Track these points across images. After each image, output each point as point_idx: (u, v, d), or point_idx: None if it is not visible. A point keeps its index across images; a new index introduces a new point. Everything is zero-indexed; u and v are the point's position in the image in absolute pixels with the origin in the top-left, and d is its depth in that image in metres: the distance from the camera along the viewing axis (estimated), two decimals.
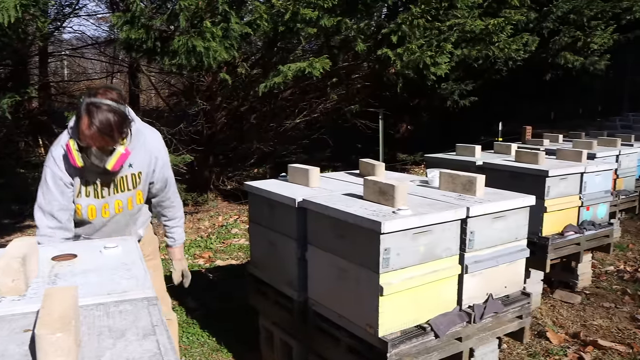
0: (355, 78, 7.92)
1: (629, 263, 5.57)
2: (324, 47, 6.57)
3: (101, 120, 2.23)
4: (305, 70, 5.27)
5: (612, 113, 16.55)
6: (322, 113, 8.58)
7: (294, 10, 5.04)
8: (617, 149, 6.16)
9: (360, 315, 2.50)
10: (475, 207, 2.61)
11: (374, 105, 8.68)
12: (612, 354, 3.65)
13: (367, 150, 9.75)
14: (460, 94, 9.21)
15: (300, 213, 2.87)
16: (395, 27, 5.88)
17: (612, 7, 9.83)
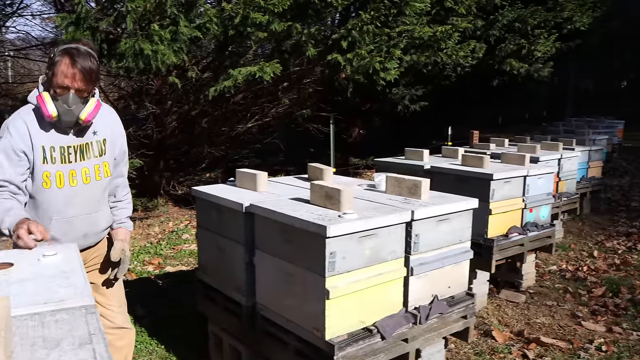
0: (306, 82, 7.95)
1: (570, 262, 5.78)
2: (275, 51, 6.57)
3: (83, 60, 2.25)
4: (255, 74, 5.27)
5: (557, 118, 17.15)
6: (274, 117, 8.58)
7: (244, 14, 5.02)
8: (559, 152, 6.39)
9: (308, 318, 2.52)
10: (420, 210, 2.66)
11: (326, 110, 8.73)
12: (553, 350, 3.78)
13: (320, 154, 9.81)
14: (411, 98, 9.39)
15: (247, 218, 2.86)
16: (345, 32, 5.94)
17: (554, 17, 10.23)
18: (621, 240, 6.64)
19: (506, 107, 16.72)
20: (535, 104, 22.50)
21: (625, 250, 6.22)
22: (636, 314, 4.38)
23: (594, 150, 7.89)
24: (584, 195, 7.63)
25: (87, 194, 2.49)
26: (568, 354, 3.73)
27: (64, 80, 2.25)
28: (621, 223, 7.52)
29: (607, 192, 9.53)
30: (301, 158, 10.27)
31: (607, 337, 3.98)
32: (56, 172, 2.37)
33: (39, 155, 2.32)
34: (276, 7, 5.09)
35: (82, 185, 2.44)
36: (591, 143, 8.56)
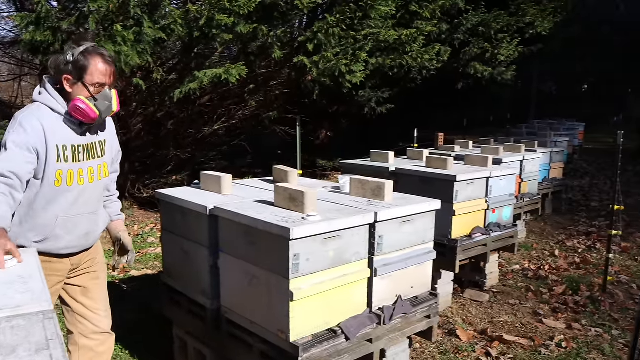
0: (273, 85, 7.94)
1: (533, 262, 5.89)
2: (241, 53, 6.55)
3: (110, 58, 2.44)
4: (221, 76, 5.24)
5: (520, 120, 17.52)
6: (241, 119, 8.55)
7: (209, 15, 4.99)
8: (521, 154, 6.52)
9: (272, 321, 2.52)
10: (383, 212, 2.69)
11: (293, 112, 8.74)
12: (516, 347, 3.85)
13: (288, 156, 9.81)
14: (377, 101, 9.46)
15: (211, 221, 2.85)
16: (311, 35, 5.96)
17: (516, 22, 10.46)
18: (581, 239, 6.81)
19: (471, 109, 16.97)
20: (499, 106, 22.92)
21: (585, 249, 6.38)
22: (595, 311, 4.50)
23: (555, 152, 8.08)
24: (545, 196, 7.80)
25: (92, 192, 2.54)
26: (530, 351, 3.80)
27: (101, 78, 2.37)
28: (581, 223, 7.71)
29: (568, 193, 9.76)
30: (269, 160, 10.24)
31: (567, 333, 4.08)
32: (68, 170, 2.41)
33: (53, 153, 2.34)
34: (242, 9, 5.07)
35: (88, 184, 2.49)
36: (553, 145, 8.77)
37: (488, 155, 4.91)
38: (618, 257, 5.97)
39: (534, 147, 7.56)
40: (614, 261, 5.70)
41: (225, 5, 4.99)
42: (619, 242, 6.43)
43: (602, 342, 3.91)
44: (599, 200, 9.19)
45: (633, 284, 5.16)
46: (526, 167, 6.59)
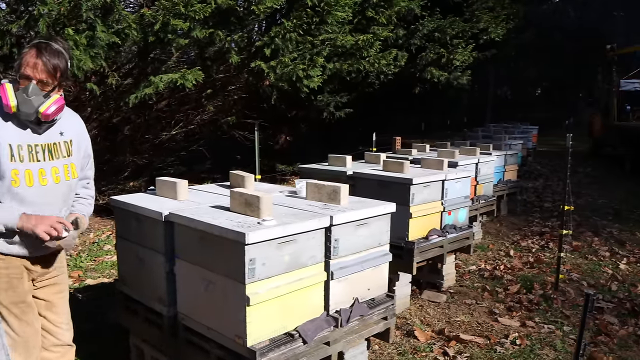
0: (231, 90, 7.91)
1: (488, 262, 6.02)
2: (199, 58, 6.50)
3: (50, 55, 2.29)
4: (177, 81, 5.19)
5: (477, 124, 17.90)
6: (199, 125, 8.48)
7: (164, 20, 4.94)
8: (476, 157, 6.67)
9: (229, 326, 2.51)
10: (339, 215, 2.72)
11: (252, 117, 8.72)
12: (472, 346, 3.93)
13: (247, 161, 9.76)
14: (336, 105, 9.53)
15: (167, 227, 2.83)
16: (268, 40, 5.96)
17: (470, 28, 10.72)
18: (535, 239, 7.00)
19: (429, 113, 17.27)
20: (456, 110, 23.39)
21: (538, 248, 6.55)
22: (547, 308, 4.63)
23: (509, 154, 8.29)
24: (500, 197, 7.99)
25: (58, 193, 2.47)
26: (485, 349, 3.88)
27: (27, 70, 2.27)
28: (535, 223, 7.92)
29: (523, 194, 10.02)
30: (228, 165, 10.18)
31: (521, 331, 4.18)
32: (25, 171, 2.33)
33: (6, 153, 2.27)
34: (197, 14, 5.04)
35: (53, 184, 2.42)
36: (507, 148, 9.01)
37: (444, 159, 5.00)
38: (569, 256, 6.15)
39: (489, 150, 7.74)
40: (565, 260, 5.89)
41: (180, 10, 4.95)
42: (571, 241, 6.64)
43: (554, 339, 4.03)
44: (551, 201, 9.47)
45: (583, 281, 5.33)
46: (481, 170, 6.74)
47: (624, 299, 4.83)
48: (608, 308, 4.63)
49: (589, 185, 11.33)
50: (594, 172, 13.44)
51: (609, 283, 5.26)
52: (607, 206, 9.16)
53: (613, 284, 5.23)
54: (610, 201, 9.59)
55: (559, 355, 3.77)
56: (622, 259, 6.08)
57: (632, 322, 4.35)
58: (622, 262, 5.94)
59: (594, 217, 8.25)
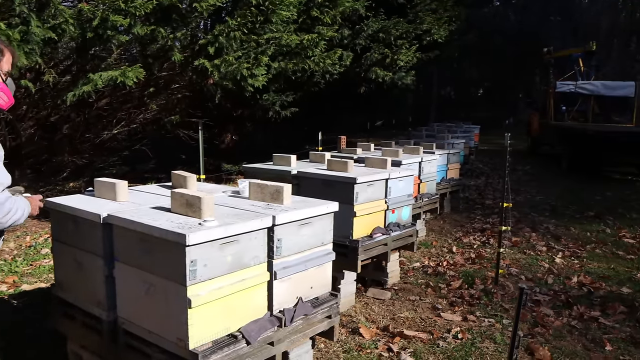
0: (175, 88, 7.76)
1: (432, 258, 6.13)
2: (140, 56, 6.35)
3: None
4: (117, 79, 5.05)
5: (422, 123, 18.28)
6: (142, 124, 8.29)
7: (102, 16, 4.80)
8: (419, 156, 6.79)
9: (171, 329, 2.47)
10: (282, 215, 2.71)
11: (196, 116, 8.60)
12: (416, 341, 3.99)
13: (193, 160, 9.60)
14: (282, 104, 9.50)
15: (106, 229, 2.75)
16: (212, 38, 5.88)
17: (414, 29, 10.91)
18: (476, 235, 7.19)
19: (375, 113, 17.48)
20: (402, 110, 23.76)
21: (479, 244, 6.74)
22: (488, 302, 4.76)
23: (452, 153, 8.48)
24: (444, 195, 8.17)
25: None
26: (429, 344, 3.96)
27: (16, 58, 2.50)
28: (477, 220, 8.14)
29: (465, 192, 10.29)
30: (173, 165, 9.98)
31: (463, 325, 4.28)
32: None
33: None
34: (138, 10, 4.92)
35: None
36: (450, 147, 9.22)
37: (387, 158, 5.06)
38: (509, 251, 6.35)
39: (432, 149, 7.89)
40: (505, 255, 6.08)
41: (120, 6, 4.82)
42: (510, 237, 6.86)
43: (494, 332, 4.15)
44: (492, 199, 9.75)
45: (522, 276, 5.51)
46: (425, 168, 6.87)
47: (559, 292, 5.03)
48: (544, 300, 4.81)
49: (527, 183, 11.74)
50: (533, 170, 13.93)
51: (546, 276, 5.47)
52: (545, 203, 9.52)
53: (549, 277, 5.43)
54: (547, 198, 9.97)
55: (499, 347, 3.89)
56: (557, 253, 6.33)
57: (567, 313, 4.53)
58: (558, 256, 6.18)
59: (532, 214, 8.55)
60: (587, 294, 5.01)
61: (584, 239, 7.01)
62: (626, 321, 4.40)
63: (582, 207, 9.03)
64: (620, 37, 34.02)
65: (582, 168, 12.89)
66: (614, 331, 4.20)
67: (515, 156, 15.70)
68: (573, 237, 7.11)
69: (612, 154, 11.93)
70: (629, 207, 9.12)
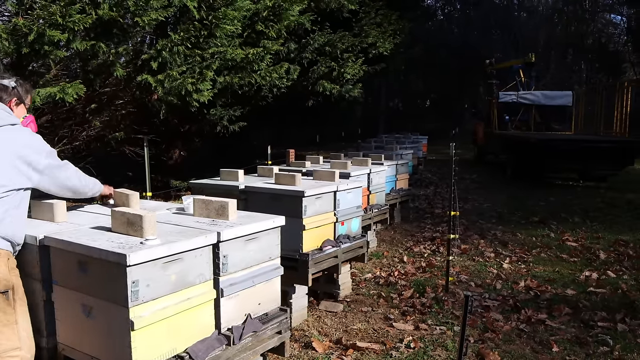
0: (119, 104, 7.58)
1: (383, 269, 6.16)
2: (82, 71, 6.17)
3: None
4: (56, 95, 4.89)
5: (371, 135, 18.47)
6: (85, 141, 8.04)
7: (38, 30, 4.64)
8: (368, 167, 6.83)
9: (113, 353, 2.38)
10: (227, 231, 2.66)
11: (142, 132, 8.41)
12: (369, 353, 3.98)
13: (140, 178, 9.37)
14: (229, 119, 9.41)
15: (42, 251, 2.64)
16: (155, 53, 5.78)
17: (360, 42, 11.06)
18: (427, 244, 7.28)
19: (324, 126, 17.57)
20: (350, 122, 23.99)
21: (430, 253, 6.82)
22: (439, 310, 4.81)
23: (400, 164, 8.58)
24: (393, 205, 8.24)
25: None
26: (381, 355, 3.95)
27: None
28: (427, 229, 8.25)
29: (415, 202, 10.43)
30: (120, 183, 9.74)
31: (415, 334, 4.30)
32: None
33: None
34: (77, 25, 4.78)
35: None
36: (399, 157, 9.34)
37: (335, 170, 5.08)
38: (458, 259, 6.45)
39: (381, 160, 7.96)
40: (454, 262, 6.17)
41: (57, 21, 4.67)
42: (459, 245, 6.97)
43: (446, 339, 4.18)
44: (441, 207, 9.91)
45: (472, 282, 5.60)
46: (373, 180, 6.91)
47: (508, 296, 5.13)
48: (494, 306, 4.89)
49: (475, 191, 12.01)
50: (479, 178, 14.27)
51: (494, 282, 5.57)
52: (492, 210, 9.75)
53: (498, 283, 5.54)
54: (494, 205, 10.21)
55: (450, 354, 3.92)
56: (505, 258, 6.47)
57: (515, 317, 4.62)
58: (505, 262, 6.31)
59: (480, 221, 8.73)
60: (534, 297, 5.13)
61: (529, 244, 7.19)
62: (571, 322, 4.52)
63: (527, 213, 9.29)
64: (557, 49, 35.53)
65: (526, 175, 13.30)
66: (560, 332, 4.31)
67: (463, 165, 16.11)
68: (519, 243, 7.29)
69: (553, 160, 12.34)
70: (571, 211, 9.44)
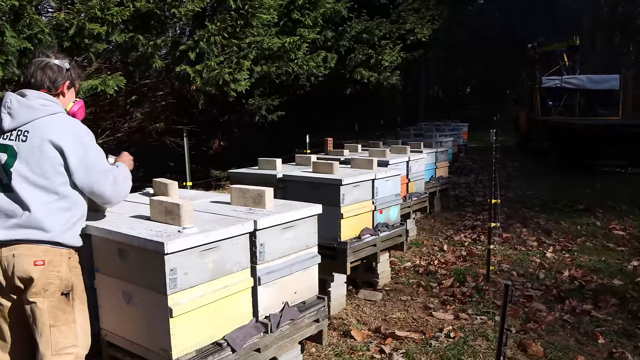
0: (159, 95, 7.69)
1: (423, 258, 6.09)
2: (122, 63, 6.28)
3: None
4: (98, 88, 4.98)
5: (411, 123, 18.28)
6: (128, 132, 8.20)
7: (79, 24, 4.73)
8: (407, 155, 6.75)
9: (153, 339, 2.42)
10: (263, 219, 2.66)
11: (183, 123, 8.52)
12: (408, 342, 3.94)
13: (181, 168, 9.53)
14: (268, 108, 9.44)
15: (85, 239, 2.69)
16: (192, 43, 5.83)
17: (397, 29, 10.90)
18: (467, 233, 7.16)
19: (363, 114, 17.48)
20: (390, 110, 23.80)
21: (470, 242, 6.71)
22: (480, 300, 4.72)
23: (440, 151, 8.46)
24: (433, 194, 8.14)
25: None
26: (421, 344, 3.91)
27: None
28: (467, 217, 8.12)
29: (455, 190, 10.28)
30: (162, 173, 9.90)
31: (455, 324, 4.24)
32: None
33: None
34: (115, 18, 4.86)
35: None
36: (438, 145, 9.18)
37: (373, 158, 5.03)
38: (500, 247, 6.33)
39: (420, 148, 7.86)
40: (496, 251, 6.05)
41: (96, 14, 4.75)
42: (501, 233, 6.83)
43: (487, 329, 4.11)
44: (482, 195, 9.73)
45: (513, 272, 5.48)
46: (412, 168, 6.83)
47: (551, 286, 5.00)
48: (536, 296, 4.78)
49: (517, 179, 11.75)
50: (522, 165, 13.96)
51: (537, 271, 5.44)
52: (535, 198, 9.52)
53: (541, 272, 5.41)
54: (537, 193, 9.97)
55: (491, 344, 3.85)
56: (548, 247, 6.31)
57: (559, 307, 4.50)
58: (549, 251, 6.16)
59: (523, 209, 8.54)
60: (579, 287, 4.99)
61: (574, 233, 7.00)
62: (618, 313, 4.37)
63: (571, 201, 9.03)
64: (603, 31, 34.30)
65: (571, 162, 12.91)
66: (607, 324, 4.18)
67: (505, 152, 15.77)
68: (563, 231, 7.10)
69: (599, 147, 11.95)
70: (618, 199, 9.13)
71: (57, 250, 2.37)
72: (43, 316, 2.34)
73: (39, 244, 2.33)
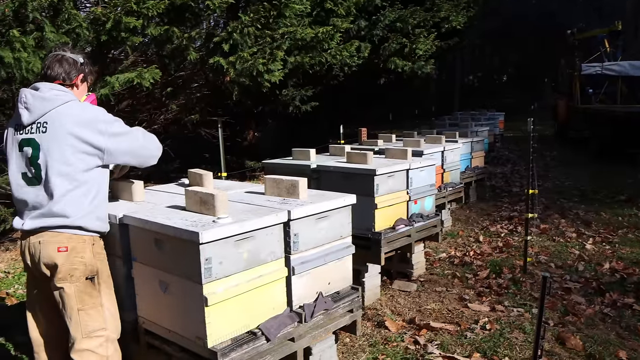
0: (194, 87, 7.77)
1: (458, 249, 6.03)
2: (157, 56, 6.37)
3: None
4: (134, 80, 5.07)
5: (446, 112, 18.05)
6: (164, 124, 8.32)
7: (115, 18, 4.81)
8: (442, 145, 6.67)
9: (189, 328, 2.46)
10: (297, 209, 2.67)
11: (217, 114, 8.60)
12: (443, 333, 3.92)
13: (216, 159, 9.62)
14: (301, 99, 9.43)
15: (122, 229, 2.74)
16: (226, 35, 5.86)
17: (432, 17, 10.74)
18: (504, 224, 7.05)
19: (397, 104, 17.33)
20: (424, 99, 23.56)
21: (507, 233, 6.60)
22: (516, 292, 4.65)
23: (476, 141, 8.33)
24: (469, 184, 8.04)
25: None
26: (456, 336, 3.88)
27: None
28: (504, 208, 7.99)
29: (491, 180, 10.12)
30: (197, 164, 10.02)
31: (491, 316, 4.19)
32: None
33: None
34: (150, 11, 4.92)
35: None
36: (474, 135, 9.05)
37: (407, 148, 4.98)
38: (537, 239, 6.21)
39: (455, 137, 7.76)
40: (533, 242, 5.94)
41: (132, 8, 4.82)
42: (538, 224, 6.70)
43: (523, 321, 4.05)
44: (519, 186, 9.56)
45: (551, 263, 5.38)
46: (447, 158, 6.75)
47: (591, 279, 4.89)
48: (575, 288, 4.68)
49: (556, 169, 11.51)
50: (560, 155, 13.65)
51: (576, 263, 5.33)
52: (574, 188, 9.31)
53: (580, 264, 5.29)
54: (576, 183, 9.74)
55: (528, 337, 3.79)
56: (588, 239, 6.17)
57: (599, 300, 4.40)
58: (588, 242, 6.02)
59: (561, 200, 8.36)
60: (620, 280, 4.87)
61: (615, 224, 6.82)
62: None
63: (612, 192, 8.78)
64: None
65: (612, 152, 12.53)
66: None
67: (543, 142, 15.45)
68: (604, 222, 6.92)
69: None
70: None
71: (80, 237, 2.46)
72: (71, 300, 2.43)
73: (63, 231, 2.42)
